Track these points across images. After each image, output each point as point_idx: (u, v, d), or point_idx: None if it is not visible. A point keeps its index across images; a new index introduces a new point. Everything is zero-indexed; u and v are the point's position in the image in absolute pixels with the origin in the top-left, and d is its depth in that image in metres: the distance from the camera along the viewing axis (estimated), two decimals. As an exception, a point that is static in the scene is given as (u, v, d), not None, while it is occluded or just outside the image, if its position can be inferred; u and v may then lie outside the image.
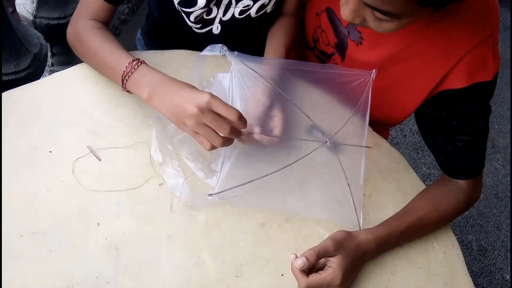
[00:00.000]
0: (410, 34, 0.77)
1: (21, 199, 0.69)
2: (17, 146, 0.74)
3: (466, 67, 0.74)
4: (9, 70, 1.10)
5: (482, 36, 0.73)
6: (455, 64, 0.74)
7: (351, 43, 0.86)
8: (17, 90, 0.80)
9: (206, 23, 0.93)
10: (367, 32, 0.82)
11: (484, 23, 0.74)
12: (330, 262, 0.67)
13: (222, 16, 0.92)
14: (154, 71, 0.73)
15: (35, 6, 1.29)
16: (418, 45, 0.77)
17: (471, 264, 1.77)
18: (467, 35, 0.73)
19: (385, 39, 0.80)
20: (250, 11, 0.91)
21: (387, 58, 0.81)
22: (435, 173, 1.96)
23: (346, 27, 0.86)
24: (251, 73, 0.74)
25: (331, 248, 0.67)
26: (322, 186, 0.79)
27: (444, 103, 0.78)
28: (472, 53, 0.73)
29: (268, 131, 0.76)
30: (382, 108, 0.92)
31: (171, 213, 0.73)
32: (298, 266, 0.64)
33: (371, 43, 0.83)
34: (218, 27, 0.94)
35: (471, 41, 0.73)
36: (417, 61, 0.79)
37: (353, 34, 0.85)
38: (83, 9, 0.82)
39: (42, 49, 1.19)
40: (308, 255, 0.65)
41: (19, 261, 0.64)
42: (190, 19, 0.90)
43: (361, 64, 0.86)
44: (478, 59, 0.74)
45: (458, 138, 0.79)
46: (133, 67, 0.73)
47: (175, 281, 0.67)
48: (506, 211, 1.94)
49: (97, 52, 0.77)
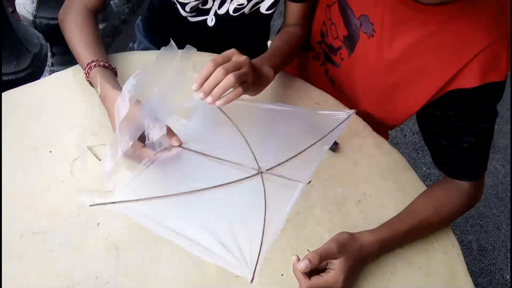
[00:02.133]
0: (423, 30, 0.76)
1: (21, 199, 0.69)
2: (17, 146, 0.74)
3: (479, 66, 0.73)
4: (9, 70, 1.10)
5: (498, 35, 0.72)
6: (468, 63, 0.73)
7: (363, 35, 0.85)
8: (17, 90, 0.80)
9: (201, 12, 0.94)
10: (380, 25, 0.81)
11: (500, 23, 0.73)
12: (333, 264, 0.67)
13: (217, 8, 0.92)
14: (99, 83, 0.75)
15: (35, 6, 1.29)
16: (430, 41, 0.76)
17: (471, 264, 1.76)
18: (481, 34, 0.72)
19: (398, 32, 0.79)
20: (244, 10, 0.92)
21: (399, 52, 0.80)
22: (435, 173, 1.96)
23: (358, 18, 0.85)
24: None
25: (334, 251, 0.66)
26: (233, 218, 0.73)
27: (453, 103, 0.77)
28: (486, 52, 0.72)
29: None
30: (385, 107, 0.91)
31: (171, 213, 0.72)
32: (301, 268, 0.63)
33: (384, 36, 0.82)
34: (213, 19, 0.94)
35: (486, 40, 0.72)
36: (428, 58, 0.78)
37: (366, 26, 0.84)
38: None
39: (42, 49, 1.19)
40: (311, 258, 0.64)
41: (19, 261, 0.64)
42: (186, 9, 0.91)
43: (369, 59, 0.86)
44: (492, 58, 0.73)
45: (463, 139, 0.78)
46: (89, 69, 0.76)
47: (175, 281, 0.67)
48: (506, 211, 1.94)
49: (71, 41, 0.81)
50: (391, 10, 0.78)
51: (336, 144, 0.86)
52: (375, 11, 0.81)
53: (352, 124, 0.93)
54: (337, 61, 0.95)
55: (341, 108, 0.91)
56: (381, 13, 0.80)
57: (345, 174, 0.85)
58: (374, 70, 0.87)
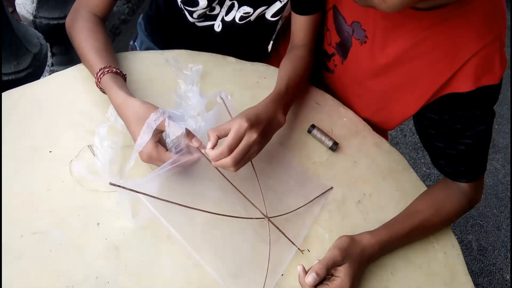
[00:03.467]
0: (416, 35, 0.76)
1: (21, 199, 0.69)
2: (17, 146, 0.74)
3: (472, 70, 0.73)
4: (9, 70, 1.10)
5: (489, 39, 0.72)
6: (461, 67, 0.73)
7: (355, 42, 0.86)
8: (17, 90, 0.80)
9: (209, 18, 0.94)
10: (372, 31, 0.82)
11: (491, 26, 0.72)
12: (338, 271, 0.67)
13: (224, 15, 0.92)
14: (113, 90, 0.74)
15: (35, 6, 1.28)
16: (423, 46, 0.76)
17: (471, 264, 1.77)
18: (473, 37, 0.72)
19: (390, 38, 0.79)
20: (250, 18, 0.92)
21: (392, 58, 0.80)
22: (435, 173, 1.96)
23: (350, 25, 0.85)
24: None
25: (339, 258, 0.67)
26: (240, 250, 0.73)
27: (448, 107, 0.77)
28: (479, 56, 0.72)
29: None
30: (380, 112, 0.91)
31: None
32: (309, 283, 0.64)
33: (376, 42, 0.82)
34: (220, 25, 0.94)
35: (478, 44, 0.72)
36: (422, 63, 0.78)
37: (358, 33, 0.84)
38: (83, 0, 0.85)
39: (42, 49, 1.18)
40: (318, 270, 0.65)
41: (19, 261, 0.64)
42: (193, 16, 0.91)
43: (362, 65, 0.86)
44: (485, 62, 0.72)
45: (461, 141, 0.78)
46: (103, 73, 0.75)
47: (175, 281, 0.67)
48: (506, 211, 1.94)
49: (81, 46, 0.80)
50: (383, 16, 0.78)
51: (336, 144, 0.86)
52: (367, 18, 0.81)
53: (352, 124, 0.93)
54: (331, 67, 0.95)
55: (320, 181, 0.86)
56: (373, 19, 0.80)
57: (345, 174, 0.85)
58: (367, 76, 0.87)
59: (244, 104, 0.79)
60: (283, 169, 0.82)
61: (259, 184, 0.77)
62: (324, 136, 0.87)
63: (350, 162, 0.87)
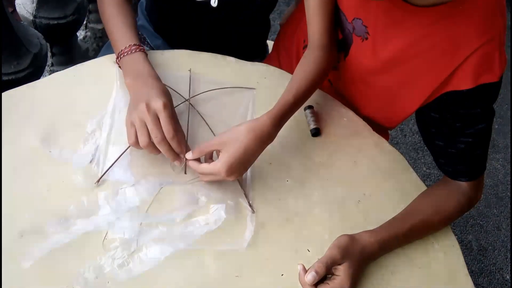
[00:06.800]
0: (416, 31, 0.76)
1: (21, 199, 0.69)
2: (17, 146, 0.74)
3: (471, 67, 0.72)
4: (9, 70, 1.10)
5: (489, 36, 0.71)
6: (460, 64, 0.73)
7: (356, 39, 0.85)
8: (17, 90, 0.80)
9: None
10: (373, 27, 0.81)
11: (491, 24, 0.72)
12: (338, 270, 0.67)
13: None
14: (144, 63, 0.79)
15: (35, 6, 1.28)
16: (423, 43, 0.76)
17: (471, 264, 1.76)
18: (473, 35, 0.72)
19: (391, 34, 0.79)
20: None
21: (393, 54, 0.80)
22: (435, 173, 1.96)
23: (351, 22, 0.85)
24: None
25: (338, 257, 0.67)
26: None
27: (448, 105, 0.77)
28: (478, 53, 0.72)
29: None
30: (383, 109, 0.92)
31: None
32: (308, 281, 0.64)
33: (377, 39, 0.81)
34: (216, 0, 0.94)
35: (477, 41, 0.71)
36: (421, 60, 0.77)
37: (359, 29, 0.84)
38: None
39: (42, 49, 1.18)
40: (317, 269, 0.65)
41: (19, 261, 0.64)
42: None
43: (364, 62, 0.86)
44: (484, 60, 0.72)
45: (461, 140, 0.78)
46: (130, 50, 0.79)
47: (175, 281, 0.67)
48: (506, 211, 1.94)
49: (109, 22, 0.85)
50: (384, 12, 0.78)
51: (316, 130, 0.86)
52: (368, 14, 0.81)
53: (352, 124, 0.93)
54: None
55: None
56: (374, 16, 0.80)
57: (345, 174, 0.85)
58: (369, 73, 0.87)
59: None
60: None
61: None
62: (312, 120, 0.87)
63: (350, 162, 0.87)
